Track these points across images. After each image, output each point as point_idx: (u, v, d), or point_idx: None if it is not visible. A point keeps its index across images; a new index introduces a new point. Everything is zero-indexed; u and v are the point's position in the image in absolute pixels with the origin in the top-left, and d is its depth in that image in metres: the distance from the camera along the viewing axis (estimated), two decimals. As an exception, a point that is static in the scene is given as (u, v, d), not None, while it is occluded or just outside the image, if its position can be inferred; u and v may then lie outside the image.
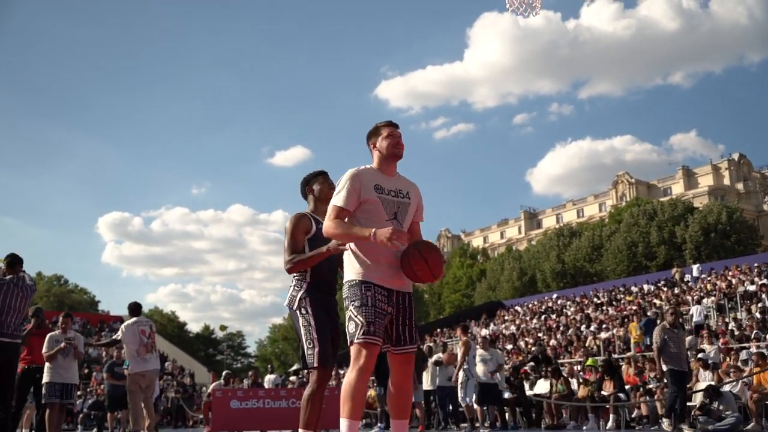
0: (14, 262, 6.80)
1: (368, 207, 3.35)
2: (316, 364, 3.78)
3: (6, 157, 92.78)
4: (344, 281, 3.43)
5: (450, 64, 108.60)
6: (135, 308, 8.93)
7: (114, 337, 9.18)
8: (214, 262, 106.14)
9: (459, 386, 11.68)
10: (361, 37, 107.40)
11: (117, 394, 12.70)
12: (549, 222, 74.91)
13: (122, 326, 8.72)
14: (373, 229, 3.14)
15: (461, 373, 11.58)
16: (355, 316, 3.24)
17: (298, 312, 3.91)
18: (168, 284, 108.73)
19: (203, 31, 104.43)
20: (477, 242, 79.94)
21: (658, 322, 14.03)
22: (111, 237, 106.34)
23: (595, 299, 28.07)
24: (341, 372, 21.59)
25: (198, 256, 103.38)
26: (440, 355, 13.21)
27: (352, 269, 3.36)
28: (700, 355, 13.51)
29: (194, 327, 76.67)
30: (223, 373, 17.43)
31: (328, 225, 3.32)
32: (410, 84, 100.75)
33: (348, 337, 3.26)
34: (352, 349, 3.24)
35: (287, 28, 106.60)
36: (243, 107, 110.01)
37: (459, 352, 12.02)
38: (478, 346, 12.29)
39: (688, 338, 17.23)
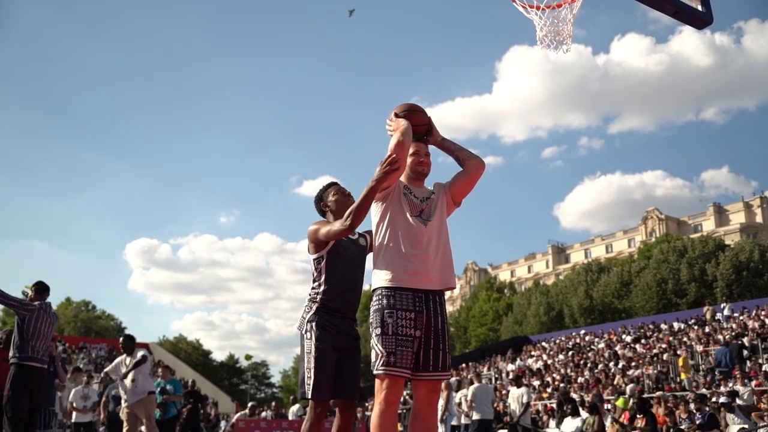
0: (42, 289, 6.93)
1: (393, 201, 3.34)
2: (308, 396, 3.61)
3: (37, 181, 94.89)
4: (371, 288, 3.33)
5: (479, 97, 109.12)
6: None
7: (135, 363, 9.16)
8: (241, 290, 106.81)
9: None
10: (390, 68, 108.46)
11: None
12: (577, 257, 74.23)
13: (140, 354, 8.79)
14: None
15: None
16: (376, 345, 3.13)
17: (304, 335, 3.76)
18: (194, 312, 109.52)
19: (235, 59, 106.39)
20: (504, 276, 79.36)
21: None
22: (138, 263, 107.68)
23: (624, 336, 27.58)
24: (367, 404, 21.40)
25: (224, 285, 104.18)
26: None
27: (378, 273, 3.27)
28: (722, 399, 13.14)
29: (219, 355, 76.93)
30: (249, 404, 17.39)
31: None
32: (439, 115, 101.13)
33: (371, 367, 3.15)
34: (376, 382, 3.13)
35: (317, 58, 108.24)
36: (272, 136, 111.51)
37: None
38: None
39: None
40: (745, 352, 18.39)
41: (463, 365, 32.31)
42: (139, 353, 8.72)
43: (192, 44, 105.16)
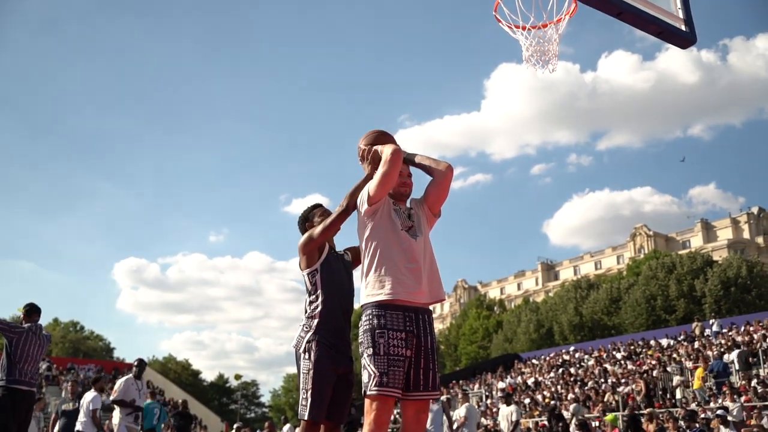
0: (32, 311, 6.88)
1: (384, 216, 3.35)
2: (305, 418, 3.58)
3: (25, 201, 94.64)
4: (361, 304, 3.31)
5: (467, 114, 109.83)
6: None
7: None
8: (230, 309, 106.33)
9: None
10: (380, 87, 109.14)
11: None
12: (566, 274, 74.39)
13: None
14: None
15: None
16: (369, 366, 3.11)
17: (302, 355, 3.70)
18: (183, 331, 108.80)
19: (223, 80, 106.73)
20: (494, 293, 79.35)
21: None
22: (127, 283, 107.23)
23: (614, 353, 27.59)
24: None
25: (214, 304, 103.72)
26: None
27: (369, 287, 3.25)
28: (719, 412, 13.16)
29: (209, 375, 76.34)
30: (235, 425, 17.18)
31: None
32: (428, 133, 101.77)
33: (363, 388, 3.13)
34: (366, 402, 3.11)
35: (306, 78, 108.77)
36: (261, 155, 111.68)
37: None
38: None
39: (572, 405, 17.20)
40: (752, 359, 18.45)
41: (453, 383, 32.21)
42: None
43: (181, 65, 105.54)
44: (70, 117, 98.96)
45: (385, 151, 3.32)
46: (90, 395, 10.00)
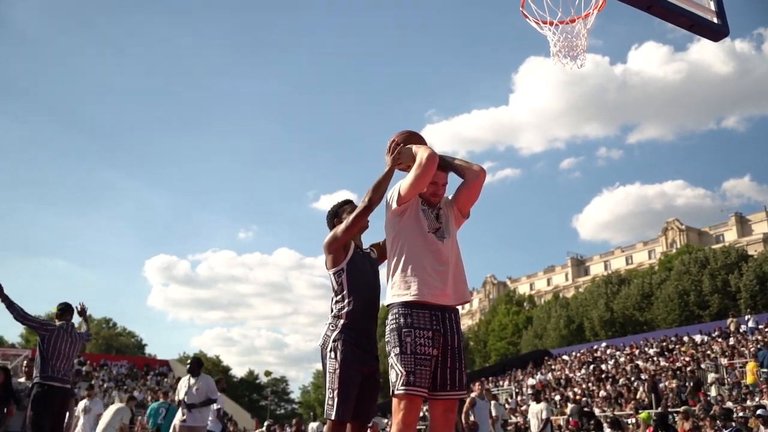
0: (65, 310, 7.01)
1: (411, 217, 3.35)
2: (332, 418, 3.57)
3: (57, 199, 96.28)
4: (387, 303, 3.32)
5: (495, 109, 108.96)
6: (200, 363, 9.20)
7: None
8: (260, 306, 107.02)
9: None
10: (406, 82, 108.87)
11: None
12: (597, 269, 73.61)
13: (206, 377, 8.91)
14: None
15: None
16: (396, 365, 3.11)
17: (327, 354, 3.71)
18: (213, 328, 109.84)
19: (251, 77, 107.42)
20: (523, 289, 78.91)
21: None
22: (158, 280, 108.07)
23: (647, 349, 27.28)
24: (386, 421, 21.29)
25: (243, 300, 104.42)
26: None
27: (396, 289, 3.26)
28: (759, 411, 12.93)
29: (239, 372, 76.98)
30: (266, 423, 17.29)
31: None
32: (456, 128, 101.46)
33: (390, 387, 3.13)
34: (393, 402, 3.11)
35: (334, 73, 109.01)
36: (289, 152, 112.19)
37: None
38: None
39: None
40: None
41: (483, 379, 32.10)
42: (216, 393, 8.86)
43: (210, 62, 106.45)
44: (100, 114, 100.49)
45: (422, 153, 3.30)
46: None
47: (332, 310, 3.82)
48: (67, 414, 7.33)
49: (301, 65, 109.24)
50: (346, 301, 3.77)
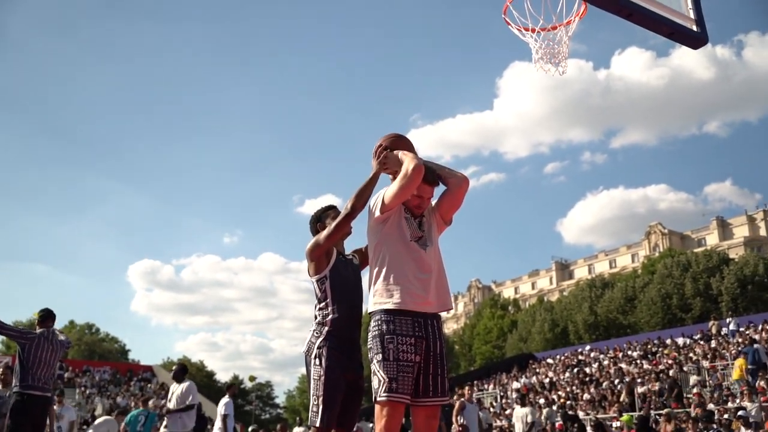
0: (46, 317, 6.91)
1: (394, 224, 3.34)
2: (317, 425, 3.58)
3: (40, 203, 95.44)
4: (369, 311, 3.31)
5: (480, 113, 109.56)
6: (185, 369, 9.19)
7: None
8: (244, 310, 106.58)
9: None
10: (391, 86, 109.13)
11: None
12: (581, 272, 74.04)
13: (189, 383, 8.90)
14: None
15: None
16: (378, 371, 3.12)
17: (312, 360, 3.70)
18: (197, 333, 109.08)
19: (236, 79, 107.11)
20: (508, 293, 79.08)
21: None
22: (141, 285, 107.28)
23: (630, 352, 27.42)
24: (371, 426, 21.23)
25: (228, 305, 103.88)
26: None
27: (377, 295, 3.26)
28: (740, 413, 13.05)
29: (223, 376, 76.54)
30: (250, 428, 17.21)
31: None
32: (440, 133, 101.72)
33: (373, 393, 3.14)
34: (376, 408, 3.13)
35: (319, 77, 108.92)
36: (274, 156, 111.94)
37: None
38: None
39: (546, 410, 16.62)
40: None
41: (468, 383, 32.13)
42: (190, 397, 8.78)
43: (194, 66, 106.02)
44: (83, 119, 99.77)
45: (408, 164, 3.28)
46: (223, 400, 10.93)
47: (316, 317, 3.81)
48: (48, 419, 7.27)
49: (285, 70, 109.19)
50: (330, 308, 3.77)
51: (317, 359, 3.66)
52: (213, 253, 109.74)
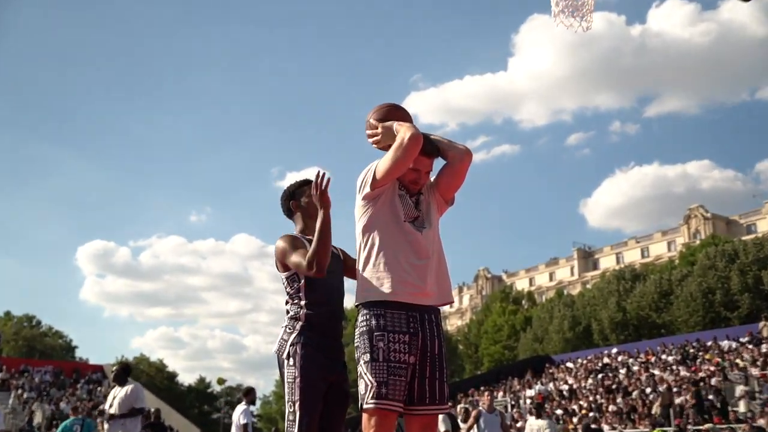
0: None
1: (386, 203, 3.36)
2: None
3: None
4: (355, 303, 3.35)
5: (492, 75, 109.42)
6: (127, 370, 9.34)
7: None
8: (213, 301, 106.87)
9: None
10: (388, 43, 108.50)
11: None
12: (607, 262, 74.19)
13: (134, 385, 9.01)
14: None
15: None
16: (365, 374, 3.14)
17: (285, 361, 3.71)
18: (157, 327, 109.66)
19: (207, 31, 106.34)
20: (521, 285, 79.39)
21: None
22: (92, 270, 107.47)
23: (664, 356, 27.39)
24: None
25: (194, 295, 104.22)
26: None
27: (367, 285, 3.29)
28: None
29: (187, 378, 77.00)
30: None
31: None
32: (445, 96, 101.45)
33: (359, 399, 3.16)
34: (363, 417, 3.14)
35: (304, 31, 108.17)
36: (251, 121, 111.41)
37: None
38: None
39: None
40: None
41: (473, 389, 32.12)
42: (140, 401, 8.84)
43: (157, 15, 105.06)
44: (27, 76, 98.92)
45: (404, 132, 3.27)
46: (240, 408, 11.36)
47: (288, 312, 3.84)
48: None
49: (263, 24, 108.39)
50: (305, 299, 3.79)
51: (291, 359, 3.67)
52: (177, 233, 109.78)
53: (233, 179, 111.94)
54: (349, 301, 3.94)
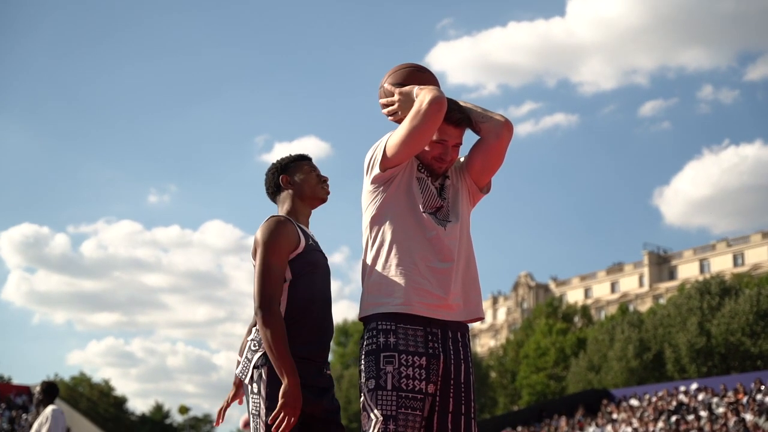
0: None
1: (401, 188, 3.38)
2: None
3: None
4: (360, 315, 3.41)
5: (545, 22, 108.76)
6: (51, 391, 9.17)
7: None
8: (176, 306, 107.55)
9: None
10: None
11: None
12: (688, 271, 73.98)
13: (50, 411, 8.90)
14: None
15: None
16: (369, 405, 3.19)
17: (249, 387, 3.66)
18: (103, 338, 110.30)
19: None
20: (574, 296, 79.45)
21: None
22: (18, 262, 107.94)
23: (761, 396, 27.33)
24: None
25: (151, 297, 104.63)
26: None
27: (372, 292, 3.34)
28: None
29: (140, 405, 77.52)
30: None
31: None
32: (481, 49, 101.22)
33: None
34: None
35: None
36: (229, 77, 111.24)
37: None
38: None
39: None
40: None
41: (510, 429, 32.21)
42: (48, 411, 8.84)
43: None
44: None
45: (425, 95, 3.27)
46: None
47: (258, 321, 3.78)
48: None
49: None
50: (282, 305, 3.69)
51: (255, 384, 3.63)
52: (131, 218, 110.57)
53: (205, 149, 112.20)
54: (351, 312, 3.90)
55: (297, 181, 3.93)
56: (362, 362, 3.28)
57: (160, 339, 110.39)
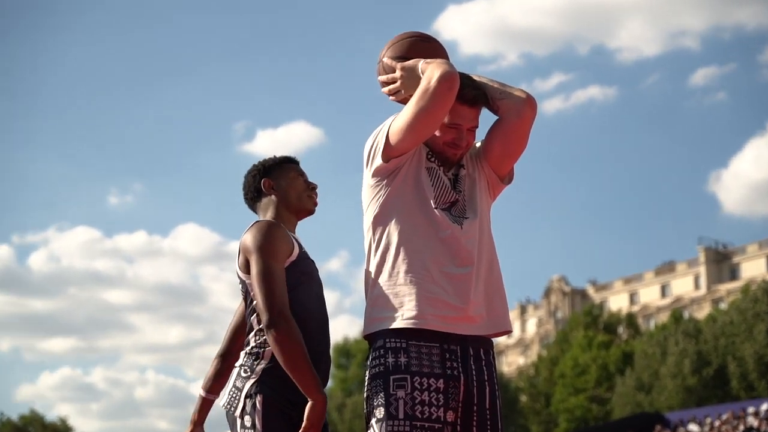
0: None
1: (409, 181, 3.41)
2: None
3: None
4: (365, 333, 3.47)
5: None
6: None
7: None
8: (144, 327, 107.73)
9: None
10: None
11: None
12: (753, 268, 74.28)
13: None
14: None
15: None
16: None
17: (237, 421, 3.66)
18: (58, 368, 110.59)
19: None
20: (617, 303, 79.92)
21: None
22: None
23: None
24: None
25: (114, 318, 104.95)
26: None
27: (378, 304, 3.38)
28: None
29: (103, 448, 77.40)
30: None
31: None
32: (499, 12, 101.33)
33: None
34: None
35: None
36: (206, 53, 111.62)
37: None
38: None
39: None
40: None
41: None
42: None
43: None
44: None
45: (431, 71, 3.28)
46: None
47: (248, 343, 3.86)
48: None
49: None
50: None
51: (246, 418, 3.64)
52: (88, 223, 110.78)
53: (175, 140, 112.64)
54: (353, 329, 3.72)
55: (282, 187, 3.97)
56: (368, 387, 3.31)
57: (126, 367, 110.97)
